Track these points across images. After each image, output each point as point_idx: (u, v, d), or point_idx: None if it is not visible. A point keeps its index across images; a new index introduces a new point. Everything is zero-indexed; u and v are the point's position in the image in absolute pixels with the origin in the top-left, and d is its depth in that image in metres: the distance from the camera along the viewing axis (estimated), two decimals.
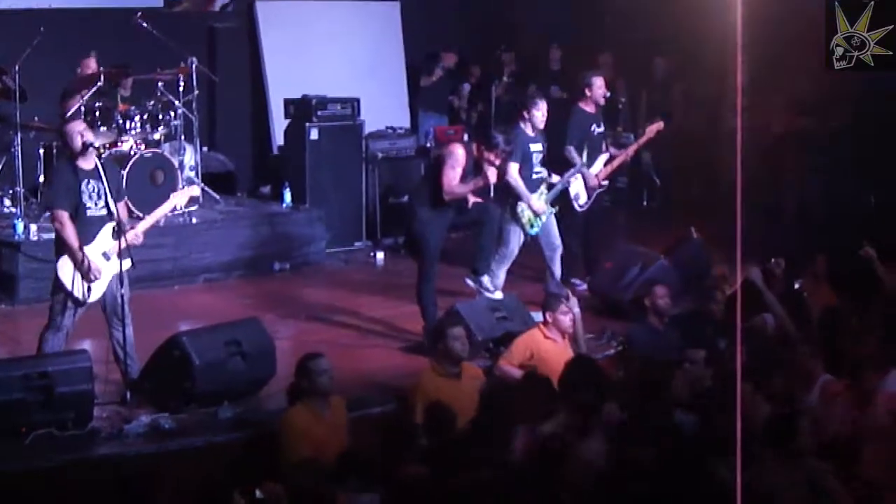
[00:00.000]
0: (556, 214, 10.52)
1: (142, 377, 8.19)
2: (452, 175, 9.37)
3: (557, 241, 10.51)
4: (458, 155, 9.42)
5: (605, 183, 11.16)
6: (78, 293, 8.01)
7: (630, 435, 6.35)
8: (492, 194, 10.02)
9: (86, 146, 8.07)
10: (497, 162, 9.50)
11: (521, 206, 10.29)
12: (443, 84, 14.87)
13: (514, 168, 10.24)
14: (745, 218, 4.59)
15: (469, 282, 9.90)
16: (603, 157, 11.09)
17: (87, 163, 8.13)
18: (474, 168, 9.44)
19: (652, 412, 6.67)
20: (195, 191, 9.32)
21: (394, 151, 13.32)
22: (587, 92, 11.01)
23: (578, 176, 10.92)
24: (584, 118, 11.03)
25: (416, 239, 9.65)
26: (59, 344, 8.12)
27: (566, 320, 8.55)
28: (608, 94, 11.19)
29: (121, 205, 8.31)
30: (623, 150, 11.44)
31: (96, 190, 8.10)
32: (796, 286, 9.33)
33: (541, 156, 10.53)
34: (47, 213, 9.18)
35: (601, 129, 11.16)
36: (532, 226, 10.33)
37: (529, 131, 10.41)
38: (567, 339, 8.63)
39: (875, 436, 6.67)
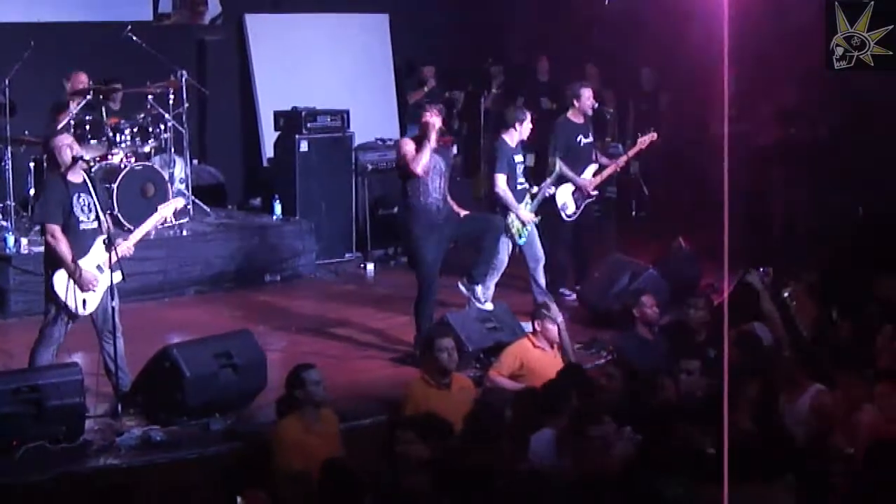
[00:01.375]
0: (539, 224, 10.57)
1: (133, 390, 8.20)
2: (408, 150, 9.46)
3: (540, 252, 10.54)
4: (405, 141, 9.62)
5: (595, 193, 11.21)
6: (73, 306, 8.03)
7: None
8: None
9: (75, 160, 8.09)
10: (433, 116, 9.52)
11: (511, 217, 10.33)
12: (429, 98, 14.87)
13: (501, 179, 10.30)
14: (732, 228, 4.61)
15: (462, 288, 9.90)
16: (592, 167, 11.14)
17: (76, 176, 8.15)
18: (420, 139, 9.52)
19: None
20: (180, 202, 9.35)
21: (383, 163, 13.32)
22: (575, 103, 11.06)
23: (566, 186, 10.96)
24: (570, 128, 11.08)
25: (412, 255, 9.68)
26: (49, 357, 8.13)
27: (553, 330, 8.58)
28: (596, 105, 11.25)
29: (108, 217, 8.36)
30: (613, 160, 11.50)
31: (87, 203, 8.12)
32: (785, 294, 9.33)
33: (523, 167, 10.58)
34: (38, 228, 9.18)
35: (589, 140, 11.21)
36: (520, 236, 10.38)
37: (512, 143, 10.48)
38: (556, 349, 8.66)
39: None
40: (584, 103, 11.04)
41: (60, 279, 8.02)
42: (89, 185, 8.15)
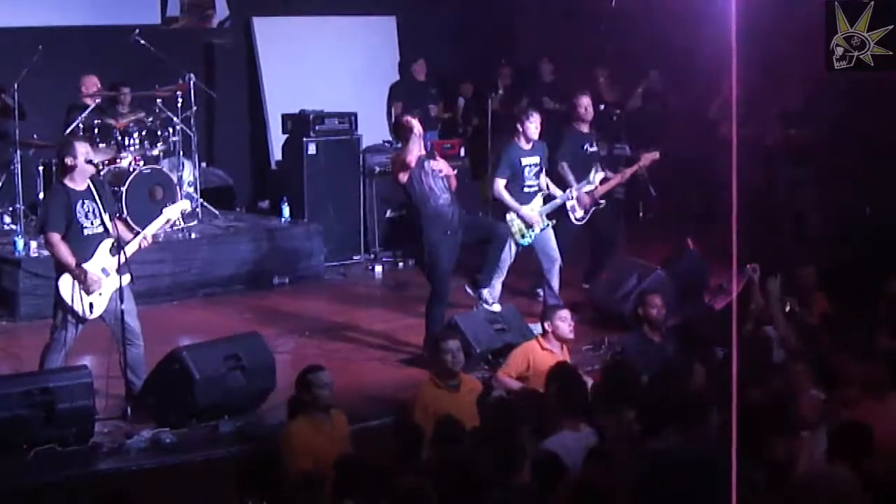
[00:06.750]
0: (553, 227, 10.56)
1: (142, 392, 8.22)
2: (394, 158, 9.87)
3: (556, 253, 10.54)
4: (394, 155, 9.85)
5: (602, 202, 11.13)
6: (79, 309, 8.05)
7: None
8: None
9: (72, 166, 8.06)
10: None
11: (511, 217, 10.35)
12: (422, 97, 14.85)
13: (499, 183, 10.40)
14: (740, 229, 4.61)
15: (469, 290, 9.96)
16: (601, 175, 11.05)
17: (80, 184, 8.16)
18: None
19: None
20: (186, 205, 9.37)
21: (391, 165, 13.33)
22: (577, 111, 11.03)
23: (576, 192, 10.94)
24: (576, 137, 11.06)
25: (427, 261, 9.69)
26: (59, 361, 8.14)
27: (565, 326, 8.56)
28: (602, 107, 11.22)
29: (118, 221, 8.38)
30: (618, 173, 11.44)
31: (92, 209, 8.13)
32: (787, 309, 9.26)
33: (536, 169, 10.56)
34: (41, 236, 9.20)
35: (594, 149, 11.20)
36: (523, 236, 10.39)
37: (523, 144, 10.48)
38: (564, 351, 8.66)
39: None
40: (581, 112, 10.99)
41: (66, 283, 8.04)
42: (94, 191, 8.17)
